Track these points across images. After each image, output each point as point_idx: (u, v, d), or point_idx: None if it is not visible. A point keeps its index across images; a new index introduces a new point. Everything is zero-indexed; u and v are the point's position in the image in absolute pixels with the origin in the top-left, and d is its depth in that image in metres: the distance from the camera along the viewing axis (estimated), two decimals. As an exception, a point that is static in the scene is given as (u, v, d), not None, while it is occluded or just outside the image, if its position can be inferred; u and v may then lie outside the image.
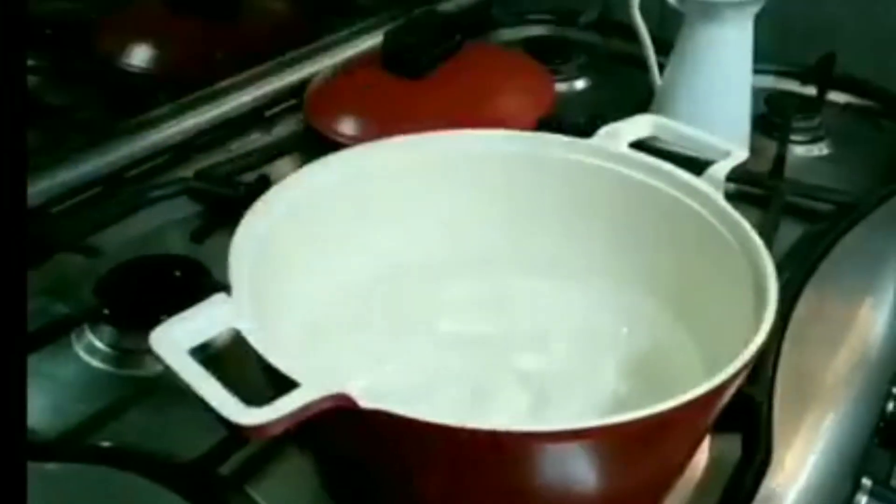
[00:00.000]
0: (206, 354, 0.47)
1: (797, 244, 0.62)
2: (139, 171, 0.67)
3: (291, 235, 0.47)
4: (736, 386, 0.39)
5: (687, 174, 0.50)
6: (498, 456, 0.36)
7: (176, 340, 0.37)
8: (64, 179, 0.63)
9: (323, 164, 0.50)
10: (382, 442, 0.37)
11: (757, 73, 0.70)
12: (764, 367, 0.49)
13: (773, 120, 0.75)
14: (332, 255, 0.50)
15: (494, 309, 0.52)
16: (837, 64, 0.80)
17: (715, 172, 0.50)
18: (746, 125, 0.71)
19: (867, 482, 0.50)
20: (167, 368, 0.36)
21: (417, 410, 0.35)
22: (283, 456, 0.46)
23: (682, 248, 0.49)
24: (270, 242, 0.45)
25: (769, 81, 0.81)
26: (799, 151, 0.74)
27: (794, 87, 0.82)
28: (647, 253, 0.51)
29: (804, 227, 0.64)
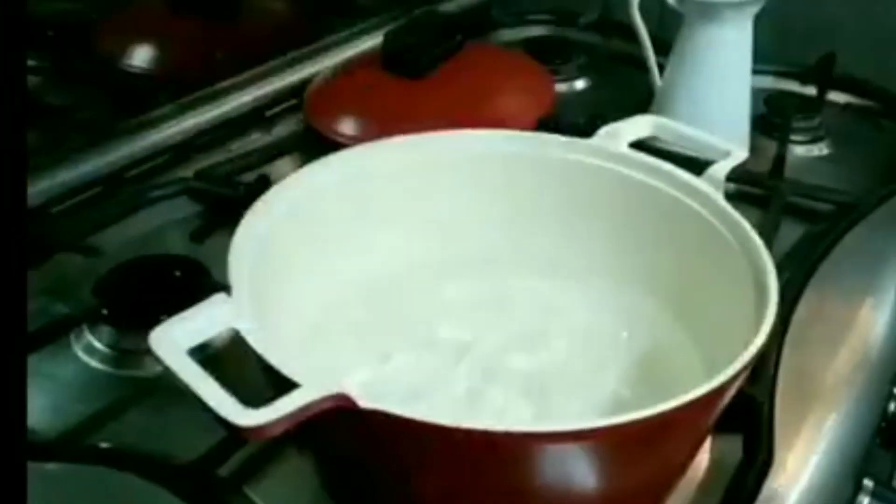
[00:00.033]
0: (205, 355, 0.47)
1: (797, 244, 0.62)
2: (139, 171, 0.67)
3: (291, 235, 0.47)
4: (737, 386, 0.39)
5: (687, 174, 0.50)
6: (497, 456, 0.36)
7: (175, 340, 0.36)
8: (64, 179, 0.63)
9: (323, 164, 0.50)
10: (381, 442, 0.37)
11: (756, 73, 0.70)
12: (765, 367, 0.49)
13: (772, 120, 0.75)
14: (332, 255, 0.50)
15: (494, 309, 0.52)
16: (837, 64, 0.80)
17: (715, 172, 0.50)
18: (746, 125, 0.71)
19: (869, 483, 0.50)
20: (166, 369, 0.36)
21: (416, 410, 0.34)
22: (282, 457, 0.46)
23: (682, 248, 0.49)
24: (270, 242, 0.45)
25: (769, 82, 0.81)
26: (799, 151, 0.74)
27: (793, 87, 0.82)
28: (647, 253, 0.51)
29: (804, 227, 0.64)
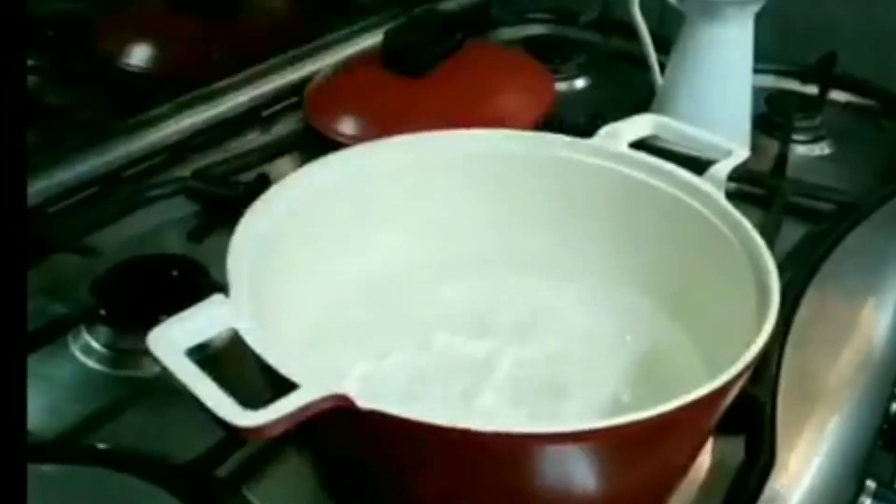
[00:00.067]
0: (204, 355, 0.47)
1: (799, 244, 0.62)
2: (137, 170, 0.67)
3: (290, 235, 0.47)
4: (739, 386, 0.38)
5: (688, 174, 0.50)
6: (495, 457, 0.36)
7: (173, 341, 0.36)
8: (61, 179, 0.63)
9: (322, 163, 0.50)
10: (381, 442, 0.37)
11: (757, 72, 0.70)
12: (767, 367, 0.49)
13: (774, 119, 0.75)
14: (331, 255, 0.49)
15: (493, 309, 0.52)
16: (837, 64, 0.79)
17: (716, 172, 0.50)
18: (747, 124, 0.70)
19: (871, 484, 0.50)
20: (164, 369, 0.35)
21: (415, 411, 0.34)
22: (280, 457, 0.46)
23: (683, 248, 0.49)
24: (269, 242, 0.45)
25: (770, 81, 0.81)
26: (800, 151, 0.74)
27: (794, 86, 0.82)
28: (647, 253, 0.51)
29: (806, 226, 0.64)
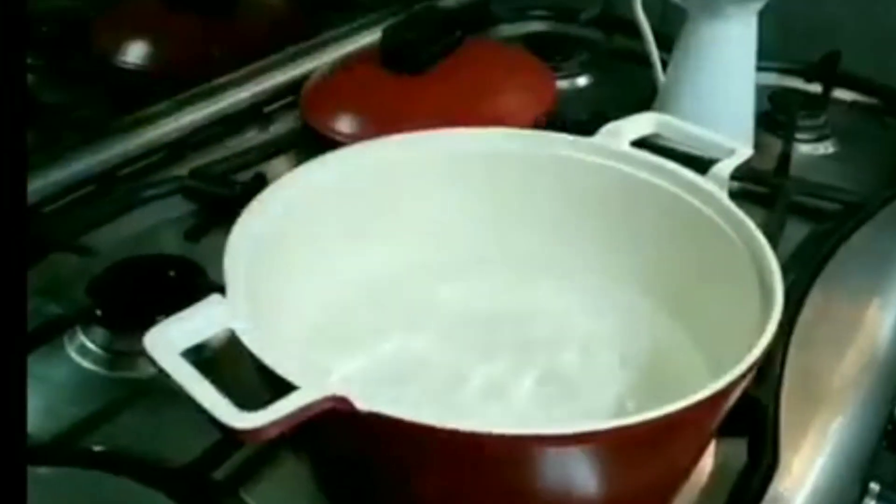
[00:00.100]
0: (201, 357, 0.47)
1: (803, 244, 0.61)
2: (133, 169, 0.67)
3: (288, 235, 0.46)
4: (742, 387, 0.38)
5: (690, 172, 0.49)
6: (495, 459, 0.36)
7: (170, 342, 0.36)
8: (57, 178, 0.63)
9: (320, 162, 0.50)
10: (379, 444, 0.37)
11: (760, 70, 0.70)
12: (770, 368, 0.49)
13: (777, 118, 0.75)
14: (329, 254, 0.49)
15: (493, 309, 0.52)
16: (840, 62, 0.79)
17: (719, 171, 0.50)
18: (750, 122, 0.70)
19: (875, 486, 0.50)
20: (161, 371, 0.35)
21: (414, 412, 0.34)
22: (278, 460, 0.45)
23: (685, 247, 0.49)
24: (266, 242, 0.44)
25: (773, 79, 0.81)
26: (804, 150, 0.74)
27: (798, 84, 0.82)
28: (649, 252, 0.51)
29: (810, 226, 0.64)
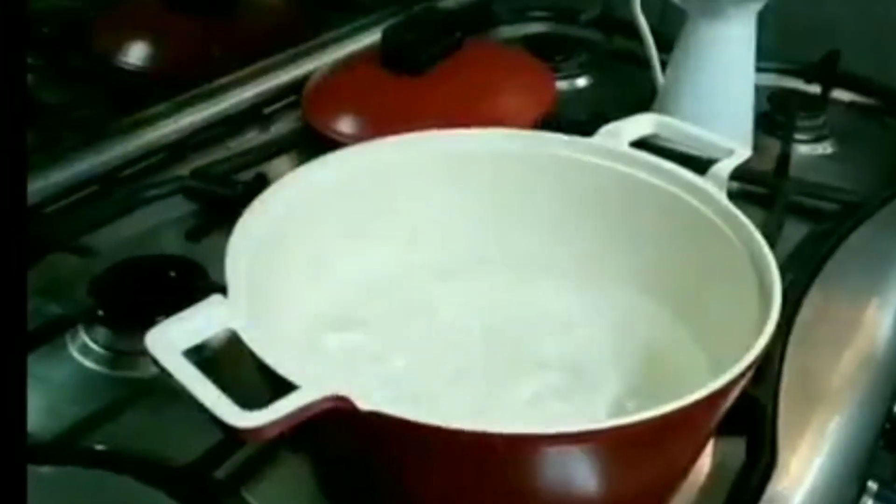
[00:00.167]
0: (202, 357, 0.47)
1: (801, 244, 0.61)
2: (134, 169, 0.67)
3: (289, 235, 0.46)
4: (741, 387, 0.38)
5: (689, 173, 0.49)
6: (496, 458, 0.36)
7: (171, 341, 0.36)
8: (58, 179, 0.62)
9: (321, 162, 0.50)
10: (380, 443, 0.37)
11: (759, 70, 0.70)
12: (769, 368, 0.49)
13: (776, 118, 0.75)
14: (330, 254, 0.49)
15: (493, 309, 0.52)
16: (839, 62, 0.79)
17: (718, 171, 0.50)
18: (749, 123, 0.70)
19: (873, 485, 0.49)
20: (162, 370, 0.35)
21: (415, 412, 0.34)
22: (279, 459, 0.45)
23: (684, 247, 0.49)
24: (268, 242, 0.44)
25: (772, 79, 0.80)
26: (803, 150, 0.74)
27: (797, 84, 0.81)
28: (648, 253, 0.51)
29: (809, 226, 0.64)
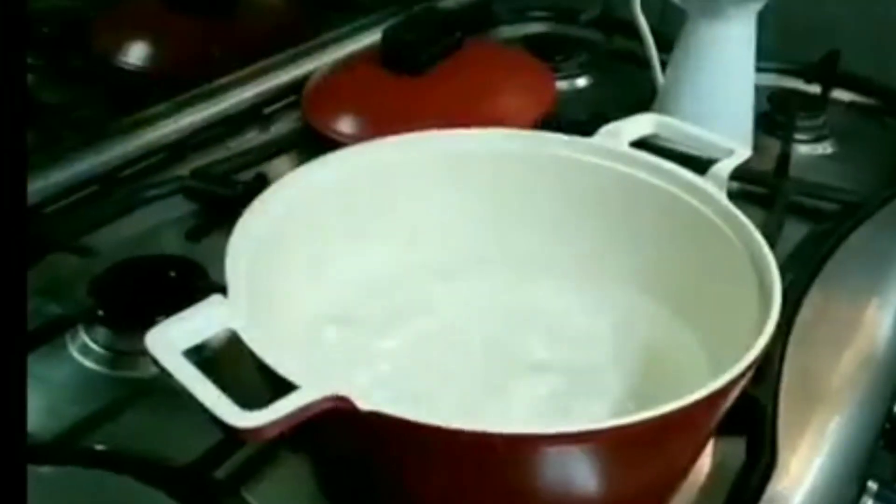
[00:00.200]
0: (202, 357, 0.47)
1: (801, 244, 0.61)
2: (134, 169, 0.67)
3: (289, 235, 0.46)
4: (741, 387, 0.38)
5: (689, 173, 0.49)
6: (496, 458, 0.36)
7: (171, 341, 0.36)
8: (58, 179, 0.62)
9: (321, 162, 0.50)
10: (380, 443, 0.37)
11: (760, 70, 0.70)
12: (769, 368, 0.49)
13: (776, 118, 0.75)
14: (330, 254, 0.49)
15: (493, 309, 0.52)
16: (839, 62, 0.79)
17: (718, 171, 0.50)
18: (749, 123, 0.70)
19: (873, 485, 0.49)
20: (162, 370, 0.35)
21: (415, 412, 0.34)
22: (279, 459, 0.45)
23: (684, 248, 0.49)
24: (268, 242, 0.44)
25: (772, 79, 0.80)
26: (803, 150, 0.74)
27: (797, 84, 0.81)
28: (648, 253, 0.51)
29: (809, 226, 0.64)
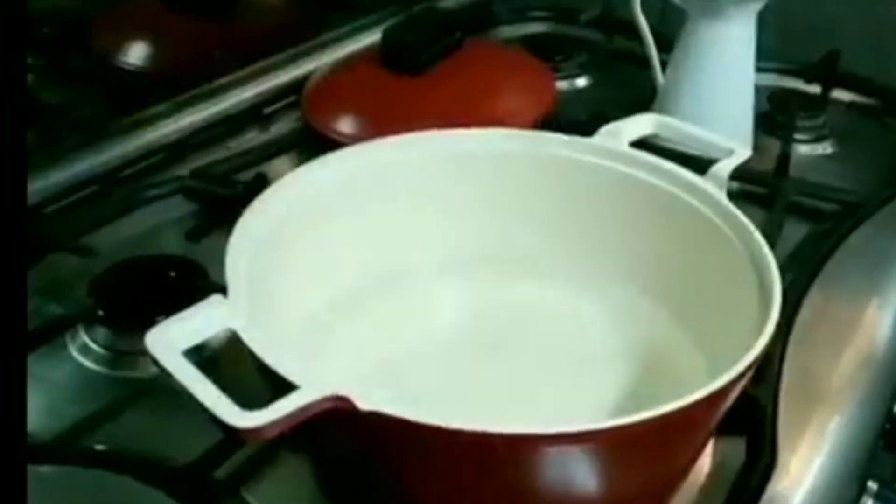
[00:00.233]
0: (202, 357, 0.47)
1: (801, 244, 0.61)
2: (134, 169, 0.67)
3: (289, 235, 0.46)
4: (741, 387, 0.38)
5: (689, 173, 0.50)
6: (496, 458, 0.36)
7: (171, 341, 0.36)
8: (58, 179, 0.62)
9: (321, 162, 0.50)
10: (380, 443, 0.37)
11: (760, 70, 0.70)
12: (769, 368, 0.49)
13: (776, 118, 0.75)
14: (330, 254, 0.49)
15: (493, 309, 0.52)
16: (839, 62, 0.79)
17: (718, 171, 0.50)
18: (749, 123, 0.70)
19: (873, 485, 0.49)
20: (162, 370, 0.35)
21: (416, 411, 0.34)
22: (279, 459, 0.45)
23: (684, 247, 0.49)
24: (268, 242, 0.44)
25: (772, 79, 0.80)
26: (803, 150, 0.74)
27: (797, 84, 0.81)
28: (648, 253, 0.51)
29: (809, 226, 0.64)
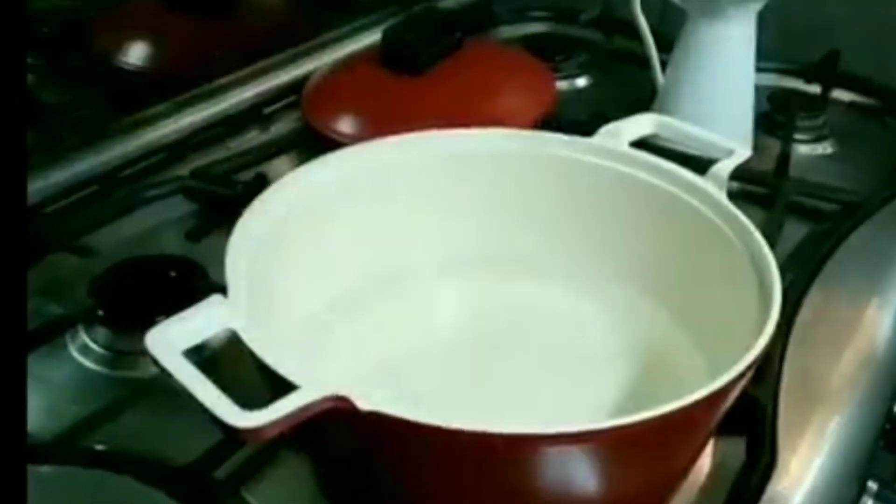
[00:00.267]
0: (202, 357, 0.47)
1: (801, 244, 0.61)
2: (134, 169, 0.67)
3: (289, 235, 0.46)
4: (741, 387, 0.38)
5: (689, 173, 0.50)
6: (496, 458, 0.36)
7: (171, 341, 0.36)
8: (58, 179, 0.62)
9: (321, 162, 0.50)
10: (380, 443, 0.37)
11: (760, 70, 0.70)
12: (769, 368, 0.49)
13: (776, 118, 0.75)
14: (330, 254, 0.49)
15: (493, 308, 0.52)
16: (839, 62, 0.79)
17: (718, 171, 0.50)
18: (749, 123, 0.70)
19: (873, 485, 0.49)
20: (162, 370, 0.35)
21: (416, 412, 0.34)
22: (279, 459, 0.45)
23: (684, 248, 0.49)
24: (268, 242, 0.44)
25: (772, 79, 0.80)
26: (803, 150, 0.74)
27: (797, 84, 0.81)
28: (648, 253, 0.51)
29: (809, 226, 0.64)
